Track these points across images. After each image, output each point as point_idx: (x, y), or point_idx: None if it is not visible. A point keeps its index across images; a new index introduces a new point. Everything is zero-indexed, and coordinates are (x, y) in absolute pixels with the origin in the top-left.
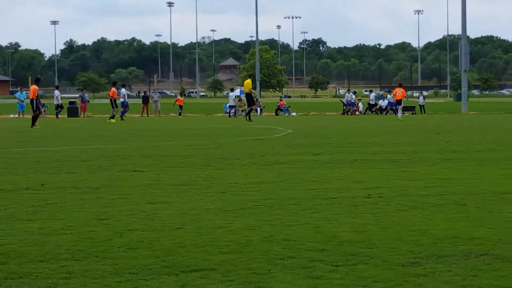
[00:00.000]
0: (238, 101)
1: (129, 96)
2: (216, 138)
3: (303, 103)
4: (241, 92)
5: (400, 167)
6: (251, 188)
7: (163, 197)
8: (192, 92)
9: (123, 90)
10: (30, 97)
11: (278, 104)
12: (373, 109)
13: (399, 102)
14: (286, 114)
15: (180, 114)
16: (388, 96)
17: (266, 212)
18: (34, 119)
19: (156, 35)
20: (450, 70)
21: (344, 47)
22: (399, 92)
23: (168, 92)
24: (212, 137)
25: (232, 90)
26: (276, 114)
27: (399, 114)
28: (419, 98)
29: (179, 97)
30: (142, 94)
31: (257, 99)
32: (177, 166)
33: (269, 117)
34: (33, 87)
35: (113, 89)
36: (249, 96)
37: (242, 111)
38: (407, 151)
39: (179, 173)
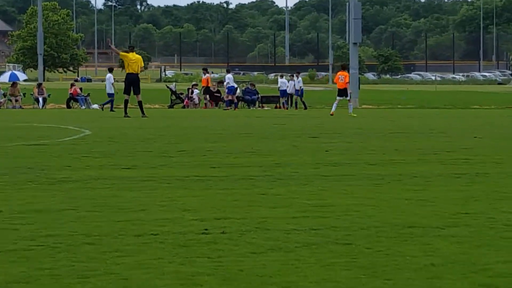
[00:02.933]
0: (11, 86)
1: None
2: None
3: None
4: (12, 77)
5: (255, 187)
6: (23, 219)
7: None
8: None
9: None
10: None
11: (71, 92)
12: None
13: (343, 92)
14: (84, 107)
15: None
16: (292, 82)
17: (46, 256)
18: None
19: None
20: (333, 44)
21: (174, 6)
22: (341, 77)
23: None
24: None
25: None
26: (68, 107)
27: (350, 108)
28: (288, 82)
29: None
30: None
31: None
32: None
33: (57, 111)
34: None
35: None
36: (136, 79)
37: (16, 101)
38: (266, 164)
39: None
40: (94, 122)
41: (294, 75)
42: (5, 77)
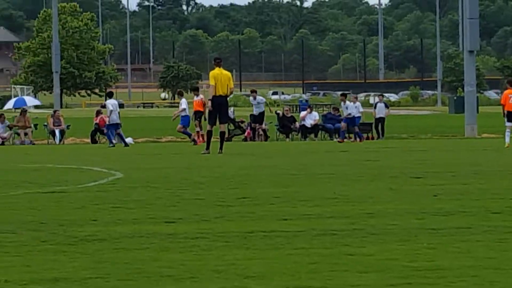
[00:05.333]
0: (19, 115)
1: None
2: None
3: (148, 119)
4: (19, 103)
5: (340, 245)
6: None
7: None
8: None
9: None
10: None
11: (97, 122)
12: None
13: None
14: (113, 143)
15: None
16: (350, 104)
17: None
18: None
19: None
20: (442, 52)
21: (231, 5)
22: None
23: None
24: None
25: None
26: (94, 141)
27: (507, 137)
28: (375, 107)
29: None
30: None
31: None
32: None
33: (78, 147)
34: None
35: None
36: (224, 104)
37: (26, 135)
38: (354, 214)
39: None
40: (127, 162)
41: (380, 95)
42: (11, 104)
